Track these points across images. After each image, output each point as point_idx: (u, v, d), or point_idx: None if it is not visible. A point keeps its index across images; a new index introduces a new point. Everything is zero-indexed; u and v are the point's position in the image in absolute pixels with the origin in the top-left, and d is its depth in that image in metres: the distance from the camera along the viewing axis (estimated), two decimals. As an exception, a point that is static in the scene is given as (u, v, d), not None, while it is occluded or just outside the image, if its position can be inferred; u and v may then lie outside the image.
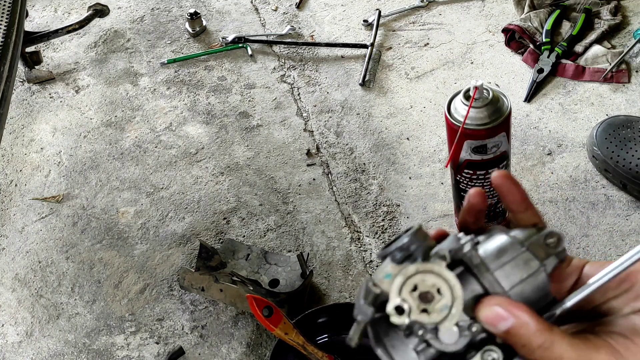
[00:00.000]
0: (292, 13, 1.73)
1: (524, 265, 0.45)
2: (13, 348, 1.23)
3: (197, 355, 1.18)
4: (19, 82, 1.68)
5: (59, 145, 1.54)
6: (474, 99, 1.00)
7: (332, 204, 1.35)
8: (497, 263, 0.44)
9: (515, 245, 0.45)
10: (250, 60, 1.64)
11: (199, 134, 1.51)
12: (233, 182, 1.41)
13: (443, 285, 0.43)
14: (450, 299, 0.43)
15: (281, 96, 1.55)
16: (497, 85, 1.47)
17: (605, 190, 1.27)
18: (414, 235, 0.45)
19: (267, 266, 1.26)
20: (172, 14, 1.79)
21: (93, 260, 1.33)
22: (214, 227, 1.34)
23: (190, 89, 1.60)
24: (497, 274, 0.44)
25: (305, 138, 1.46)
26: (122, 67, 1.68)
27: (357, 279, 1.24)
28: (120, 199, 1.42)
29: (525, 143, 1.36)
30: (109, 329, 1.24)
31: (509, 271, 0.44)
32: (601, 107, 1.39)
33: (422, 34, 1.61)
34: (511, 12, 1.60)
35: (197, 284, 1.21)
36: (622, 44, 1.48)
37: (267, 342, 1.18)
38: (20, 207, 1.43)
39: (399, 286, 0.43)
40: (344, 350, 1.13)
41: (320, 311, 1.14)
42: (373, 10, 1.67)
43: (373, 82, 1.54)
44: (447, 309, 0.43)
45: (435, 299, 0.43)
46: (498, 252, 0.45)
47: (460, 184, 1.12)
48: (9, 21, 1.22)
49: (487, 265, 0.44)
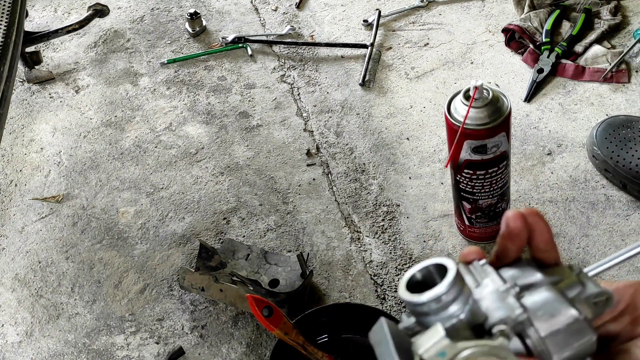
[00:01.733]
0: (292, 13, 1.73)
1: (577, 334, 0.41)
2: (13, 348, 1.23)
3: (197, 355, 1.18)
4: (19, 82, 1.68)
5: (59, 145, 1.54)
6: (474, 99, 1.00)
7: (332, 204, 1.35)
8: (550, 328, 0.41)
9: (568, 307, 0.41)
10: (250, 60, 1.64)
11: (199, 134, 1.51)
12: (233, 182, 1.41)
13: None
14: None
15: (281, 96, 1.55)
16: (497, 85, 1.47)
17: (605, 190, 1.27)
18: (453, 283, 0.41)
19: (267, 266, 1.26)
20: (172, 14, 1.79)
21: (93, 260, 1.33)
22: (214, 227, 1.34)
23: (190, 89, 1.60)
24: (548, 342, 0.41)
25: (305, 138, 1.46)
26: (122, 67, 1.68)
27: (357, 279, 1.24)
28: (120, 199, 1.42)
29: (525, 143, 1.36)
30: (109, 329, 1.24)
31: (562, 339, 0.41)
32: (601, 107, 1.39)
33: (422, 34, 1.61)
34: (511, 12, 1.60)
35: (197, 284, 1.21)
36: (622, 44, 1.48)
37: (267, 342, 1.18)
38: (20, 207, 1.43)
39: None
40: (344, 350, 1.13)
41: (320, 311, 1.14)
42: (373, 10, 1.67)
43: (373, 82, 1.54)
44: None
45: None
46: (550, 314, 0.41)
47: (460, 184, 1.12)
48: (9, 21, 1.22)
49: (539, 332, 0.40)
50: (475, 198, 1.13)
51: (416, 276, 0.44)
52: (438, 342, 0.38)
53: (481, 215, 1.17)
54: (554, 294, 0.41)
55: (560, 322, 0.40)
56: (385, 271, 1.24)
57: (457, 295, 0.41)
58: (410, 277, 0.44)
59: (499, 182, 1.11)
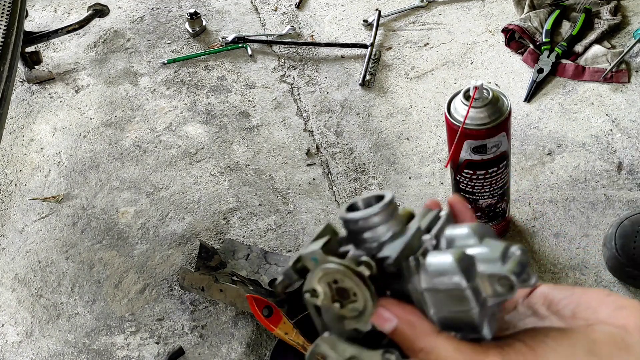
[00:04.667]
0: (292, 13, 1.73)
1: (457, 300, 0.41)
2: (13, 348, 1.23)
3: (197, 355, 1.18)
4: (19, 82, 1.68)
5: (59, 145, 1.54)
6: (474, 99, 1.00)
7: (332, 204, 1.35)
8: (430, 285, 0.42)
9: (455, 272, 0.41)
10: (250, 60, 1.64)
11: (198, 134, 1.51)
12: (233, 182, 1.41)
13: (359, 293, 0.42)
14: (362, 306, 0.42)
15: (281, 96, 1.55)
16: (497, 85, 1.47)
17: (605, 190, 1.27)
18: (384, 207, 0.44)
19: (267, 266, 1.26)
20: (172, 14, 1.79)
21: (93, 260, 1.33)
22: (214, 227, 1.34)
23: (190, 89, 1.60)
24: (426, 295, 0.42)
25: (305, 138, 1.46)
26: (122, 67, 1.68)
27: (357, 279, 1.24)
28: (120, 199, 1.42)
29: (525, 143, 1.36)
30: (109, 329, 1.24)
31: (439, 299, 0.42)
32: (601, 107, 1.39)
33: (422, 34, 1.61)
34: (511, 12, 1.60)
35: (197, 284, 1.21)
36: (622, 44, 1.48)
37: (267, 342, 1.18)
38: (20, 207, 1.43)
39: (319, 277, 0.43)
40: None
41: (320, 311, 1.14)
42: (373, 10, 1.67)
43: (373, 82, 1.54)
44: (357, 312, 0.43)
45: (349, 297, 0.43)
46: (436, 273, 0.41)
47: (460, 184, 1.12)
48: (9, 21, 1.22)
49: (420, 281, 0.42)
50: (476, 198, 1.13)
51: (358, 203, 0.47)
52: (314, 250, 0.43)
53: (481, 215, 1.17)
54: (454, 258, 0.41)
55: (443, 284, 0.41)
56: (385, 271, 1.23)
57: (385, 221, 0.44)
58: (352, 204, 0.47)
59: (499, 182, 1.11)
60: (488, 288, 0.42)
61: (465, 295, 0.41)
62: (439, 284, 0.41)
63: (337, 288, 0.43)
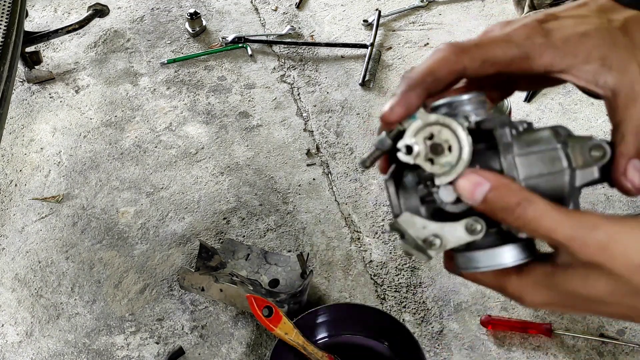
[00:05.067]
0: (292, 13, 1.73)
1: (549, 161, 0.44)
2: (13, 348, 1.23)
3: (197, 355, 1.18)
4: (19, 82, 1.68)
5: (59, 145, 1.54)
6: (474, 99, 1.00)
7: (332, 204, 1.35)
8: (524, 150, 0.44)
9: (551, 140, 0.44)
10: (250, 60, 1.64)
11: (198, 134, 1.51)
12: (233, 182, 1.41)
13: (455, 144, 0.43)
14: (456, 158, 0.43)
15: (281, 96, 1.55)
16: (497, 85, 1.47)
17: (605, 190, 1.27)
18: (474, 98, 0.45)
19: (267, 266, 1.26)
20: (172, 14, 1.79)
21: (93, 260, 1.33)
22: (214, 227, 1.34)
23: (190, 89, 1.60)
24: (517, 160, 0.43)
25: (305, 138, 1.46)
26: (122, 67, 1.68)
27: (357, 279, 1.24)
28: (120, 199, 1.42)
29: (525, 143, 1.36)
30: (109, 329, 1.24)
31: (532, 162, 0.43)
32: (601, 107, 1.39)
33: (422, 34, 1.61)
34: (511, 12, 1.60)
35: (197, 284, 1.21)
36: (622, 44, 1.48)
37: (267, 342, 1.18)
38: (20, 207, 1.43)
39: (416, 129, 0.43)
40: (344, 350, 1.13)
41: (320, 311, 1.14)
42: (373, 10, 1.67)
43: (373, 82, 1.54)
44: (449, 167, 0.43)
45: (444, 153, 0.43)
46: (531, 141, 0.44)
47: (460, 184, 1.12)
48: (9, 21, 1.22)
49: (512, 147, 0.43)
50: (475, 198, 1.13)
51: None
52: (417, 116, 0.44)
53: (481, 215, 1.17)
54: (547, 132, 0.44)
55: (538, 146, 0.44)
56: (385, 271, 1.24)
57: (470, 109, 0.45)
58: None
59: (499, 182, 1.11)
60: (579, 158, 0.45)
61: (558, 156, 0.44)
62: (534, 148, 0.44)
63: (432, 145, 0.43)
